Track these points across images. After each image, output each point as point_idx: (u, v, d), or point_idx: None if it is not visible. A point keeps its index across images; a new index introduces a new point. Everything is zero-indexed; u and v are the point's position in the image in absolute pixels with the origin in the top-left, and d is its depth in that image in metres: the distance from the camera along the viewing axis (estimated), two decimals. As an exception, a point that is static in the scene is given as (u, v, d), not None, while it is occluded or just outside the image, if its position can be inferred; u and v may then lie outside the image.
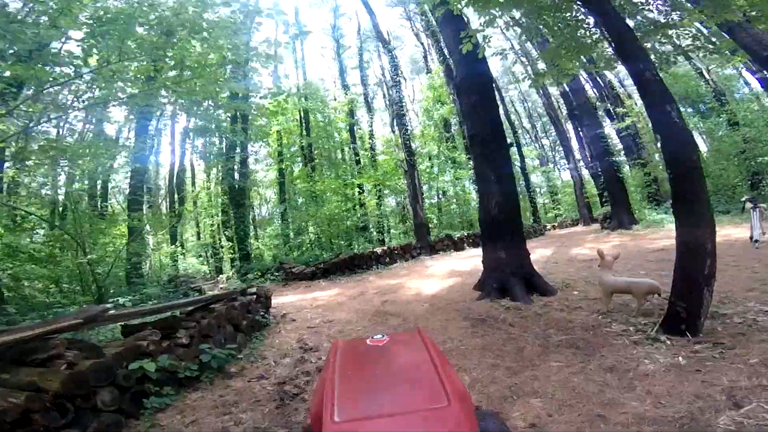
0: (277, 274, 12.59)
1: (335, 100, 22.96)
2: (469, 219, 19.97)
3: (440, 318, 5.46)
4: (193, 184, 26.76)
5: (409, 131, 15.11)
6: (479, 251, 13.81)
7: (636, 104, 18.97)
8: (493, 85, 7.47)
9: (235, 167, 18.70)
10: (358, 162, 19.12)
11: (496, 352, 4.09)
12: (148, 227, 16.37)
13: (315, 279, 11.31)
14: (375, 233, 15.49)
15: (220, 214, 20.84)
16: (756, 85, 17.39)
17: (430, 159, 22.46)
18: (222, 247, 20.17)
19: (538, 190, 30.43)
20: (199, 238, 26.30)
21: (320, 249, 14.75)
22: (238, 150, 19.17)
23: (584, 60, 6.72)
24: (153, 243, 15.62)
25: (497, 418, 1.68)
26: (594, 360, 3.55)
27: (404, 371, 1.55)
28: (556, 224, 24.75)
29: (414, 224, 14.37)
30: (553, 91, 25.44)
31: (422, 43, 23.96)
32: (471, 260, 11.04)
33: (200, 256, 25.86)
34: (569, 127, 27.01)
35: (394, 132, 17.07)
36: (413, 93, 25.26)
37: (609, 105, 18.15)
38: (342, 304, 7.55)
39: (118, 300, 6.56)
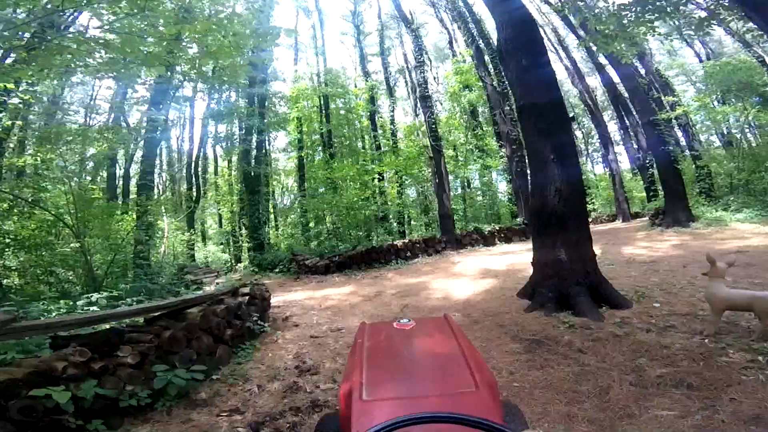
0: (289, 266, 11.61)
1: (356, 87, 21.78)
2: (496, 212, 18.44)
3: (479, 336, 4.20)
4: (216, 171, 26.40)
5: (434, 114, 13.69)
6: (513, 247, 12.92)
7: (685, 94, 16.84)
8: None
9: (252, 152, 17.89)
10: (378, 149, 17.87)
11: (567, 393, 2.85)
12: (162, 210, 15.80)
13: (329, 273, 10.23)
14: (395, 224, 14.23)
15: (235, 202, 20.21)
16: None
17: (455, 148, 20.96)
18: (241, 235, 19.61)
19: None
20: (221, 226, 26.04)
21: (338, 240, 13.72)
22: (254, 135, 18.36)
23: (673, 23, 5.26)
24: (168, 230, 14.91)
25: (515, 409, 1.57)
26: (722, 406, 2.43)
27: (432, 355, 1.52)
28: (590, 220, 22.67)
29: (439, 215, 13.02)
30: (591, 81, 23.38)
31: (447, 29, 22.51)
32: (505, 257, 9.68)
33: (221, 243, 25.56)
34: (605, 117, 24.77)
35: (417, 115, 15.72)
36: (437, 80, 23.71)
37: (657, 93, 16.09)
38: (355, 307, 6.40)
39: (112, 292, 5.63)
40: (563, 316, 4.39)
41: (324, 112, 20.42)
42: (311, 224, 16.36)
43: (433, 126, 13.07)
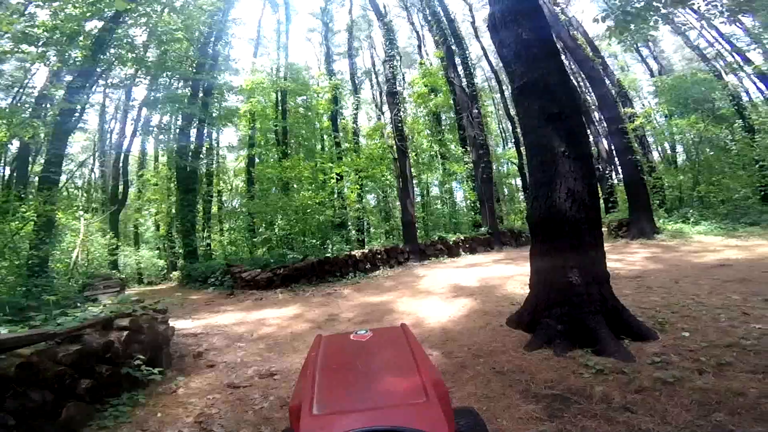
0: (223, 279, 9.72)
1: (318, 85, 20.36)
2: (457, 221, 17.62)
3: (474, 391, 2.88)
4: (155, 167, 23.32)
5: (401, 112, 12.59)
6: (479, 258, 11.77)
7: (645, 105, 17.33)
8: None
9: (190, 146, 15.63)
10: (339, 151, 16.42)
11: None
12: (79, 210, 13.17)
13: (271, 288, 8.53)
14: (354, 232, 12.78)
15: (172, 202, 17.66)
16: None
17: (416, 154, 20.08)
18: (178, 240, 17.16)
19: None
20: (157, 229, 23.17)
21: (288, 248, 12.05)
22: (194, 126, 16.18)
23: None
24: (84, 232, 12.26)
25: (474, 415, 1.55)
26: None
27: (385, 367, 1.51)
28: None
29: (402, 223, 11.80)
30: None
31: (417, 32, 22.28)
32: (474, 271, 8.62)
33: (157, 248, 22.60)
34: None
35: (382, 113, 14.59)
36: (403, 84, 23.19)
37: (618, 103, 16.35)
38: (298, 338, 4.87)
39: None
40: (581, 355, 3.22)
41: (281, 108, 18.76)
42: (260, 230, 14.48)
43: (400, 125, 11.93)
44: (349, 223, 13.07)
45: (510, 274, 7.90)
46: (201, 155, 17.47)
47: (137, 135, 19.96)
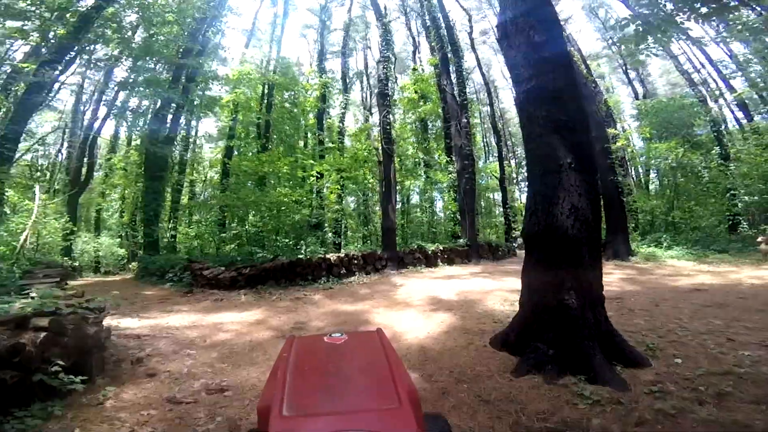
0: (182, 275, 9.00)
1: (308, 82, 19.90)
2: (434, 231, 17.39)
3: (458, 421, 2.49)
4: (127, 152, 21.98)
5: (391, 114, 12.27)
6: (457, 270, 11.30)
7: (624, 128, 17.76)
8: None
9: (164, 131, 14.72)
10: (321, 149, 15.91)
11: None
12: (36, 189, 12.08)
13: (235, 288, 7.91)
14: (330, 235, 12.25)
15: (130, 188, 16.60)
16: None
17: (400, 160, 19.82)
18: (140, 230, 16.08)
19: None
20: (121, 216, 21.90)
21: (260, 246, 11.42)
22: (171, 111, 15.33)
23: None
24: (37, 213, 11.20)
25: (442, 421, 1.56)
26: None
27: (358, 371, 1.50)
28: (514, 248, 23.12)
29: (382, 228, 11.39)
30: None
31: (414, 38, 22.20)
32: (452, 283, 8.32)
33: (119, 236, 21.33)
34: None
35: (371, 114, 14.25)
36: (395, 87, 23.14)
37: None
38: (257, 347, 4.35)
39: None
40: (574, 383, 2.90)
41: (266, 101, 18.15)
42: (233, 224, 13.71)
43: (388, 127, 11.58)
44: (326, 225, 12.54)
45: (489, 288, 7.64)
46: (175, 142, 16.56)
47: (110, 117, 18.79)
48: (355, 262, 9.52)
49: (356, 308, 6.29)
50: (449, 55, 14.59)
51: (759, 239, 10.25)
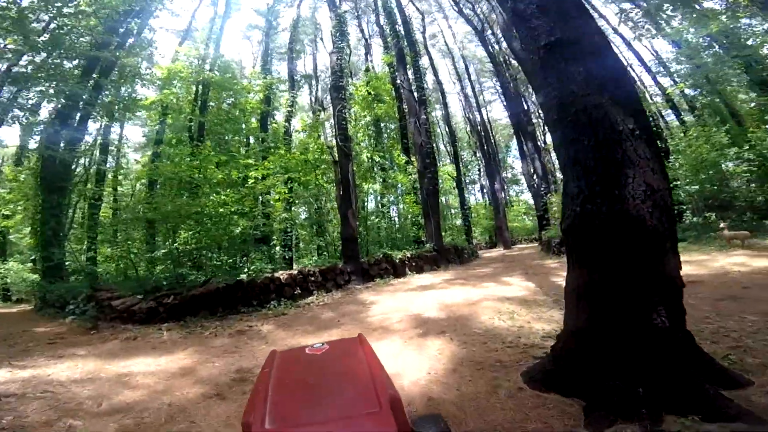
0: (85, 307, 6.85)
1: (250, 83, 18.05)
2: (395, 238, 16.25)
3: None
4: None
5: (346, 110, 10.90)
6: (428, 278, 9.66)
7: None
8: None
9: (66, 134, 12.01)
10: (263, 148, 14.07)
11: None
12: None
13: (155, 322, 6.03)
14: (278, 248, 10.44)
15: (28, 204, 13.43)
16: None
17: (357, 164, 18.46)
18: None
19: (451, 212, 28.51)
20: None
21: (196, 267, 9.42)
22: (78, 113, 12.68)
23: None
24: None
25: (441, 421, 1.59)
26: None
27: (339, 378, 1.50)
28: (475, 246, 22.87)
29: (342, 238, 9.90)
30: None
31: (366, 39, 21.53)
32: (430, 295, 7.12)
33: (32, 260, 17.66)
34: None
35: (323, 110, 12.83)
36: (348, 90, 22.12)
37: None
38: (179, 415, 2.81)
39: None
40: (687, 427, 1.79)
41: (200, 102, 15.95)
42: (166, 242, 11.37)
43: (344, 123, 10.20)
44: (275, 238, 10.76)
45: (474, 298, 6.52)
46: (83, 148, 13.77)
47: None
48: (312, 279, 7.95)
49: (320, 340, 4.78)
50: (405, 50, 13.68)
51: (722, 225, 10.32)
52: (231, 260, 9.49)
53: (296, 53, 21.28)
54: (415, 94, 13.35)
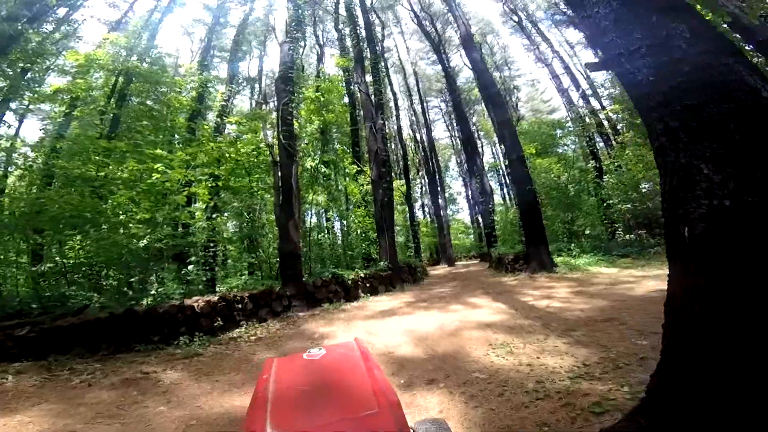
0: None
1: (182, 78, 15.78)
2: (339, 254, 14.74)
3: None
4: None
5: (293, 104, 9.30)
6: (387, 302, 8.32)
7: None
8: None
9: None
10: (190, 139, 11.87)
11: None
12: None
13: (2, 361, 3.83)
14: (193, 268, 8.16)
15: None
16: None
17: (301, 172, 16.71)
18: None
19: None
20: None
21: (93, 288, 7.07)
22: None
23: None
24: None
25: (444, 426, 1.59)
26: None
27: (337, 382, 1.50)
28: (422, 263, 22.22)
29: (280, 254, 8.09)
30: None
31: (320, 45, 20.26)
32: (394, 324, 5.86)
33: None
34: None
35: (266, 103, 11.17)
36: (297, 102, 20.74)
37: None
38: None
39: None
40: None
41: (118, 95, 13.33)
42: (53, 252, 8.54)
43: (289, 118, 8.60)
44: (192, 256, 8.57)
45: (449, 326, 5.36)
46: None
47: None
48: (240, 306, 6.12)
49: (245, 401, 3.17)
50: (365, 52, 12.69)
51: None
52: (134, 280, 7.22)
53: (242, 53, 19.51)
54: (373, 98, 12.30)
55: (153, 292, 6.88)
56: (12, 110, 14.04)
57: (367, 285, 9.34)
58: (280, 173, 8.56)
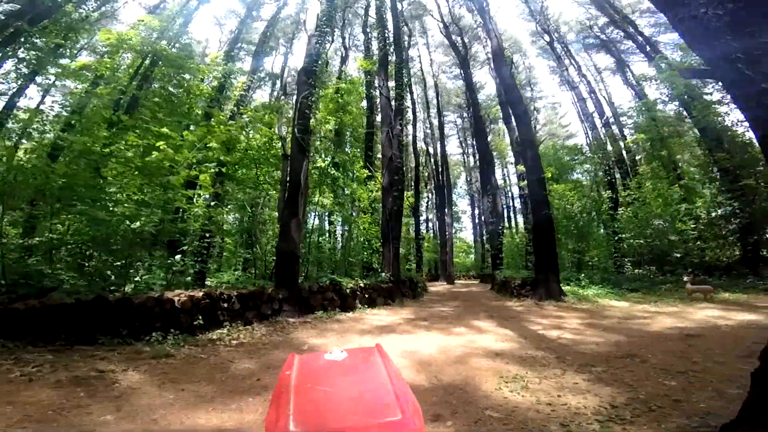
0: None
1: (206, 65, 15.70)
2: (336, 260, 14.17)
3: None
4: None
5: (313, 99, 8.92)
6: (386, 316, 7.47)
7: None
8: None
9: None
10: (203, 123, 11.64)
11: None
12: None
13: None
14: (188, 259, 7.64)
15: None
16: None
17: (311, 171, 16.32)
18: None
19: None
20: None
21: (78, 270, 6.56)
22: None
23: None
24: None
25: None
26: None
27: (360, 386, 1.48)
28: (423, 278, 21.55)
29: (278, 252, 7.56)
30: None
31: (345, 47, 20.88)
32: (393, 343, 5.33)
33: None
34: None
35: (285, 95, 10.80)
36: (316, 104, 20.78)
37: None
38: None
39: None
40: None
41: (141, 76, 13.26)
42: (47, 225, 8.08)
43: (308, 111, 8.17)
44: (186, 244, 8.04)
45: (455, 351, 4.81)
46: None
47: None
48: (225, 305, 5.59)
49: (221, 418, 2.64)
50: (391, 57, 12.39)
51: (685, 279, 10.14)
52: (118, 264, 6.72)
53: (269, 48, 19.57)
54: (393, 102, 11.91)
55: (137, 278, 6.38)
56: (37, 84, 13.97)
57: (366, 296, 8.76)
58: (289, 168, 8.11)
